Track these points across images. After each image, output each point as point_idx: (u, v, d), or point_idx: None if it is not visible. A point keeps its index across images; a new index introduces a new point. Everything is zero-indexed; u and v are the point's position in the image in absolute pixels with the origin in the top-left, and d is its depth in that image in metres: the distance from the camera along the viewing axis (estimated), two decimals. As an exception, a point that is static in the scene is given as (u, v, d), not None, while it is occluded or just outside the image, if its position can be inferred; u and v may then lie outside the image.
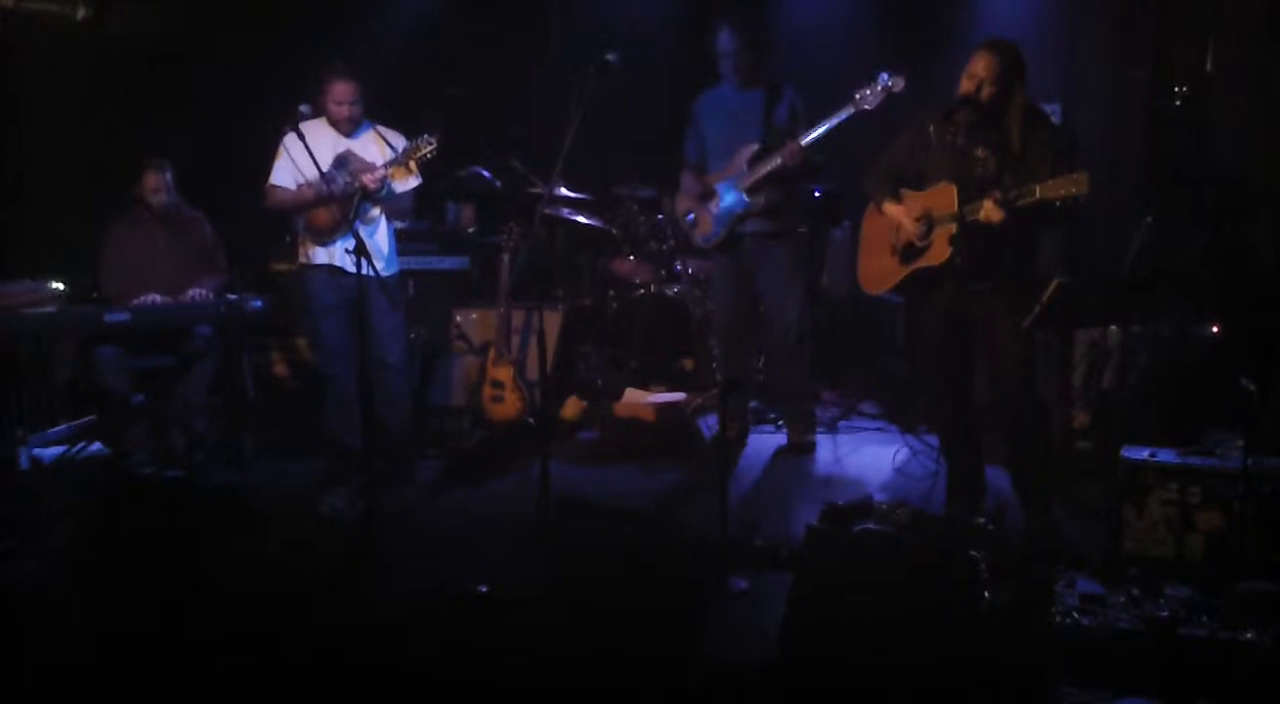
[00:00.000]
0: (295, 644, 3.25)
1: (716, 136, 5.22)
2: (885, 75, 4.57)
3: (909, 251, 4.02)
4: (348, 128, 4.66)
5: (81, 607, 3.43)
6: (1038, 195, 3.57)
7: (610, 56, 4.05)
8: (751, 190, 5.05)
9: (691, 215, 5.35)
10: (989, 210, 3.66)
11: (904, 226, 3.99)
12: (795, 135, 4.90)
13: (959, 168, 3.73)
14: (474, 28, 7.23)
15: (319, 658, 3.21)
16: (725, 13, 5.14)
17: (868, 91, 4.60)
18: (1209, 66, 5.41)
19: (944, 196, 3.82)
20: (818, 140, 4.83)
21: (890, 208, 4.06)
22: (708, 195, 5.22)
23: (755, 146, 5.03)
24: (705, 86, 5.33)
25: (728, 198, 5.14)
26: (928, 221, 3.94)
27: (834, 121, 4.72)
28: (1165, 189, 5.49)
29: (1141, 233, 4.83)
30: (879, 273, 4.18)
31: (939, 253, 3.88)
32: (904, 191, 4.06)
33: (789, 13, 6.86)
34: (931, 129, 3.88)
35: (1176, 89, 5.47)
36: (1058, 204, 3.55)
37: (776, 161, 4.93)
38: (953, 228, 3.72)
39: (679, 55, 6.68)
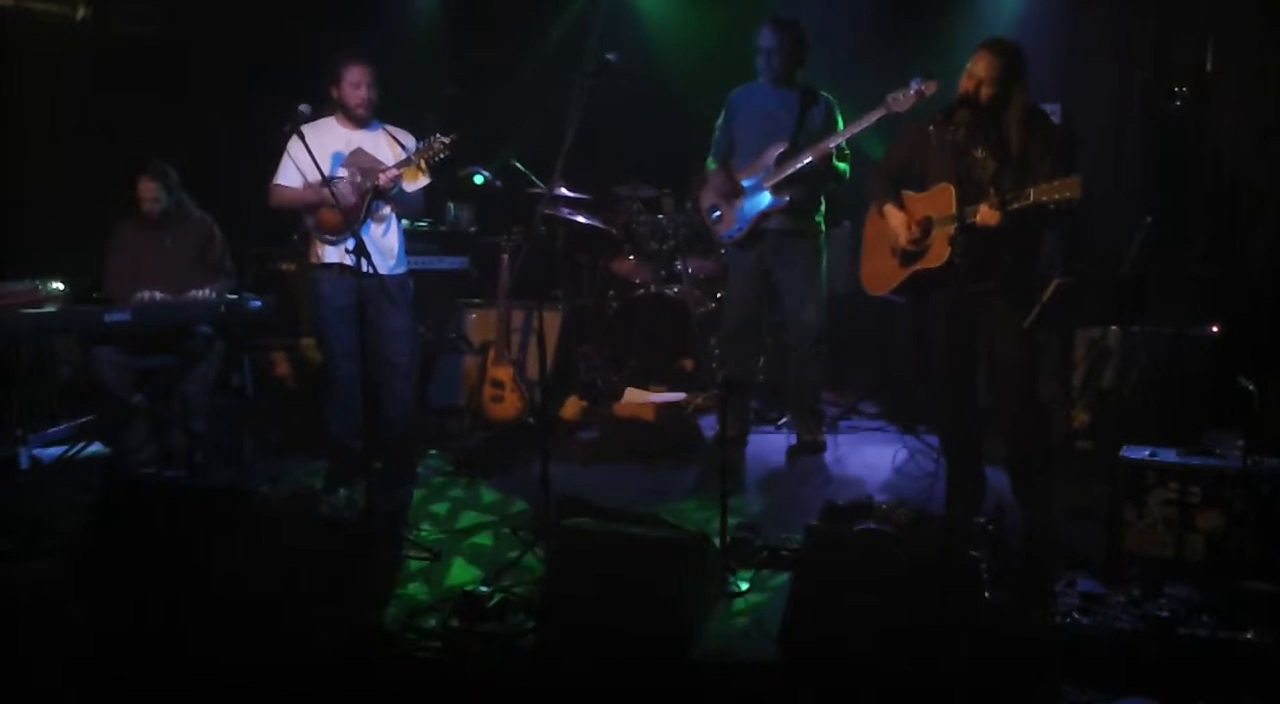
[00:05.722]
0: (295, 644, 3.25)
1: (748, 132, 5.20)
2: (917, 80, 4.52)
3: (909, 254, 4.03)
4: (365, 114, 4.64)
5: (81, 607, 3.43)
6: (1031, 199, 3.58)
7: (610, 56, 4.05)
8: (777, 189, 5.04)
9: (717, 211, 5.32)
10: (985, 214, 3.66)
11: (899, 235, 4.00)
12: (826, 138, 4.90)
13: (958, 169, 3.73)
14: (474, 28, 7.23)
15: (319, 658, 3.21)
16: (770, 12, 5.13)
17: (900, 94, 4.55)
18: (1209, 66, 5.41)
19: (943, 198, 3.83)
20: (846, 141, 4.85)
21: (890, 212, 4.06)
22: (734, 191, 5.20)
23: (784, 145, 5.01)
24: (742, 82, 5.27)
25: (754, 195, 5.12)
26: (927, 224, 3.94)
27: (865, 123, 4.69)
28: (1165, 189, 5.49)
29: (1141, 233, 4.83)
30: (880, 274, 4.18)
31: (938, 254, 3.88)
32: (906, 194, 4.06)
33: (787, 12, 6.85)
34: (931, 129, 3.87)
35: (1176, 89, 5.47)
36: (1052, 206, 3.55)
37: (805, 161, 4.92)
38: (952, 229, 3.71)
39: (680, 55, 6.68)
